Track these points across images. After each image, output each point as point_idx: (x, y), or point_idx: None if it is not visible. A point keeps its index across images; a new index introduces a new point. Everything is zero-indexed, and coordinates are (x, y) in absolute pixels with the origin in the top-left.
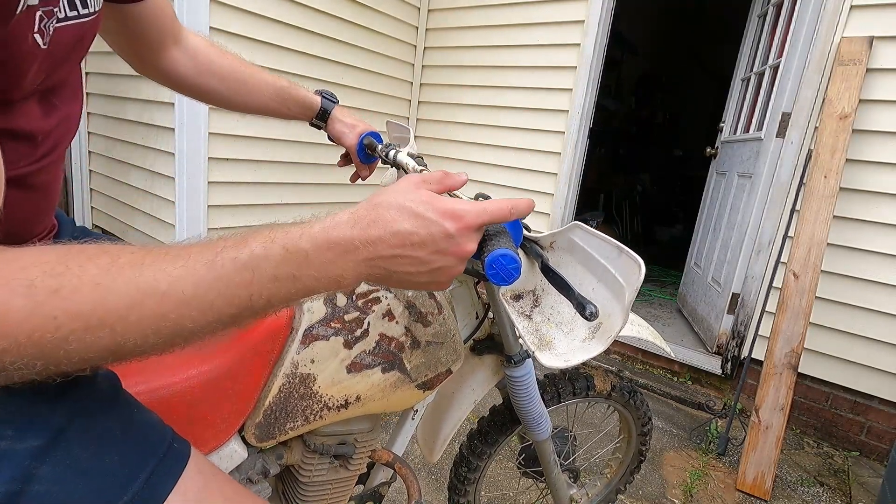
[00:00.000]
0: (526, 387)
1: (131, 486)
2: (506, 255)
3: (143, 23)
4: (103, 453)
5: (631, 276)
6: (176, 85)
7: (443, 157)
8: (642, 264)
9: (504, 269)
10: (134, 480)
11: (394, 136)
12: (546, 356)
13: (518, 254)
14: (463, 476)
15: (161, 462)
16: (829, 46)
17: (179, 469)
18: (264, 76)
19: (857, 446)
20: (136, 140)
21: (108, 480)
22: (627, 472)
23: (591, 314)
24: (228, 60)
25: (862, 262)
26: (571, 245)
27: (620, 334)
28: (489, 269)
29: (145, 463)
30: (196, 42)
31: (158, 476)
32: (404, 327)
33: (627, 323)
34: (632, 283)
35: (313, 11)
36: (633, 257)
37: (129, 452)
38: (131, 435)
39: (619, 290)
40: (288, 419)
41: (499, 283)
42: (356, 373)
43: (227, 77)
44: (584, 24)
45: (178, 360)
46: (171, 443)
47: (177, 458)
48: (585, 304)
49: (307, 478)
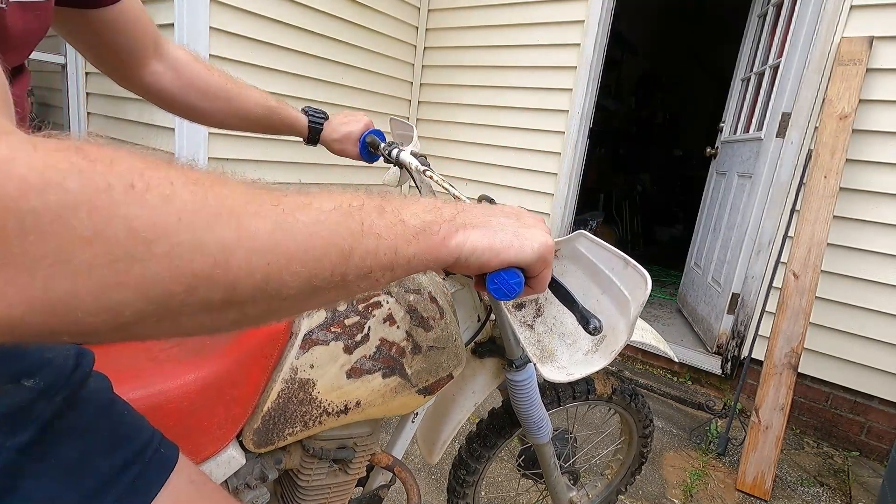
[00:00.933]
0: (527, 391)
1: (116, 487)
2: (508, 271)
3: (117, 32)
4: (91, 453)
5: (637, 291)
6: (160, 100)
7: (443, 157)
8: (649, 279)
9: (506, 283)
10: (118, 482)
11: (397, 135)
12: (548, 369)
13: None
14: (462, 478)
15: (147, 466)
16: (829, 46)
17: (165, 474)
18: (252, 95)
19: (857, 446)
20: (137, 140)
21: (94, 481)
22: (628, 474)
23: (595, 329)
24: (215, 77)
25: (862, 262)
26: (576, 254)
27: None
28: (491, 284)
29: (131, 465)
30: (180, 55)
31: (144, 479)
32: (405, 332)
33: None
34: (637, 297)
35: (313, 11)
36: (640, 271)
37: (116, 455)
38: (120, 438)
39: (625, 304)
40: (287, 425)
41: (501, 299)
42: (356, 378)
43: (214, 94)
44: (584, 24)
45: (176, 366)
46: (157, 448)
47: (163, 462)
48: (589, 319)
49: (306, 482)
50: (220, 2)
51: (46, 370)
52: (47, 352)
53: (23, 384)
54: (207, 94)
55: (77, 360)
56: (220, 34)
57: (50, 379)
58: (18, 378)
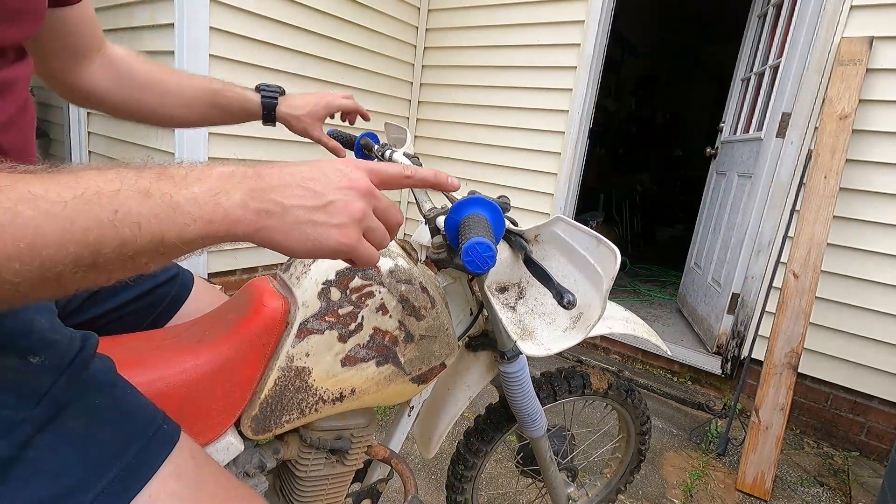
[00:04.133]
0: (520, 383)
1: (121, 459)
2: (481, 244)
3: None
4: (96, 427)
5: (608, 266)
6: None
7: (443, 157)
8: (618, 253)
9: (479, 256)
10: (124, 454)
11: (391, 137)
12: (527, 345)
13: (494, 243)
14: (460, 474)
15: (150, 440)
16: (829, 46)
17: (168, 448)
18: (195, 81)
19: (857, 446)
20: (137, 140)
21: (99, 452)
22: (627, 472)
23: (569, 303)
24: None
25: (862, 262)
26: (554, 237)
27: (618, 332)
28: (465, 257)
29: (135, 440)
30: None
31: (148, 452)
32: (398, 321)
33: (623, 321)
34: (608, 272)
35: (313, 11)
36: (610, 247)
37: (120, 428)
38: (123, 414)
39: (598, 280)
40: (284, 412)
41: (474, 271)
42: (351, 366)
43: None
44: (584, 24)
45: (174, 353)
46: (161, 424)
47: (166, 438)
48: (563, 293)
49: (304, 472)
50: (220, 2)
51: (52, 349)
52: (54, 333)
53: (29, 361)
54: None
55: (82, 341)
56: (220, 34)
57: (56, 358)
58: (25, 355)
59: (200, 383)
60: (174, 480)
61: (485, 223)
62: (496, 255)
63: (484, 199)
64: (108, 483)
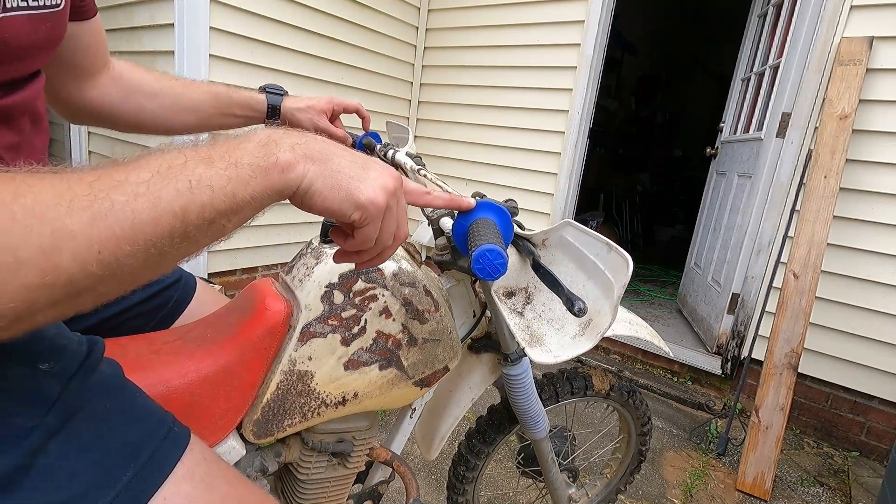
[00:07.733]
0: (523, 385)
1: (134, 463)
2: (492, 251)
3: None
4: (107, 431)
5: (619, 273)
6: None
7: (443, 157)
8: (630, 260)
9: (490, 263)
10: (137, 457)
11: (393, 136)
12: (536, 352)
13: (505, 250)
14: (462, 475)
15: (162, 443)
16: (829, 46)
17: (180, 451)
18: (199, 85)
19: (857, 446)
20: (137, 140)
21: (111, 456)
22: (627, 472)
23: (580, 310)
24: (157, 76)
25: (862, 262)
26: (563, 242)
27: (620, 334)
28: (476, 264)
29: (147, 443)
30: (121, 65)
31: (160, 456)
32: (401, 325)
33: (626, 322)
34: (620, 279)
35: (313, 11)
36: (622, 253)
37: (131, 433)
38: (134, 418)
39: (609, 287)
40: (286, 416)
41: (485, 278)
42: (353, 370)
43: (162, 94)
44: (584, 24)
45: (176, 357)
46: (171, 427)
47: (177, 440)
48: (574, 301)
49: (306, 475)
50: (220, 2)
51: (61, 355)
52: (61, 338)
53: (38, 367)
54: (158, 96)
55: (89, 346)
56: (220, 34)
57: (64, 363)
58: (34, 362)
59: (202, 387)
60: (187, 482)
61: (494, 229)
62: (507, 263)
63: (493, 204)
64: (123, 487)
